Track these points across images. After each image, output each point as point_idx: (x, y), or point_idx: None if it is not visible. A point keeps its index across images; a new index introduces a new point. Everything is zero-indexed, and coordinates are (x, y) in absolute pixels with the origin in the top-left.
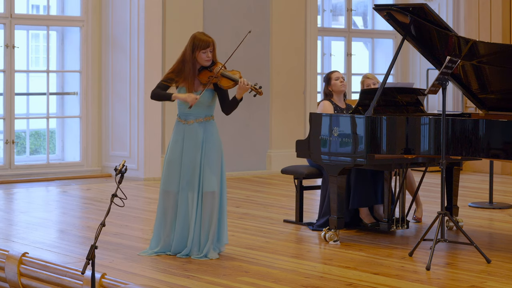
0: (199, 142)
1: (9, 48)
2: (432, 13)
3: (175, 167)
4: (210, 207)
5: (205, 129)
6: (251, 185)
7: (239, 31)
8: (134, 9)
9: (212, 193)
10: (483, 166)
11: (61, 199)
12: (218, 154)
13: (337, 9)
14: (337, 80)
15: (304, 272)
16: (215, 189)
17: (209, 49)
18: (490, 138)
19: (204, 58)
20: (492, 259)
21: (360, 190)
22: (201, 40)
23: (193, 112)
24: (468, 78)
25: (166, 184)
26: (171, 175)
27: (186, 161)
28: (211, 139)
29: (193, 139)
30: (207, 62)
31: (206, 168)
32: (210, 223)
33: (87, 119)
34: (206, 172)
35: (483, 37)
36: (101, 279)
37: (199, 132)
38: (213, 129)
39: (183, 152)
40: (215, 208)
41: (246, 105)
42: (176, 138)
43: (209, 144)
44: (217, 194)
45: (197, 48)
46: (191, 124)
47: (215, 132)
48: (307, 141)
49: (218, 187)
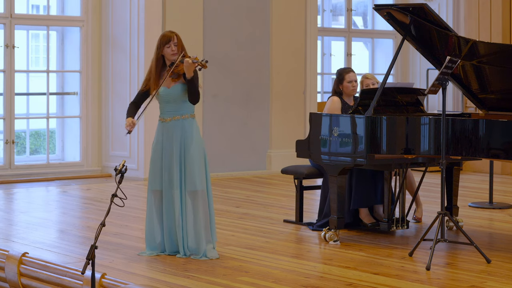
0: (177, 141)
1: (9, 48)
2: (432, 13)
3: (156, 166)
4: (196, 206)
5: (182, 127)
6: (251, 185)
7: (239, 31)
8: (134, 9)
9: (195, 192)
10: (483, 166)
11: (61, 199)
12: (199, 153)
13: (337, 9)
14: (350, 83)
15: (304, 272)
16: (198, 188)
17: (172, 43)
18: (490, 138)
19: (169, 52)
20: (492, 259)
21: (360, 191)
22: (163, 36)
23: (168, 109)
24: (468, 78)
25: (151, 184)
26: (154, 174)
27: (165, 160)
28: (190, 138)
29: (170, 137)
30: (173, 56)
31: (188, 167)
32: (199, 222)
33: (87, 119)
34: (188, 171)
35: (483, 37)
36: (101, 279)
37: (177, 131)
38: (192, 127)
39: (163, 150)
40: (201, 207)
41: (246, 104)
42: (156, 137)
43: (188, 142)
44: (202, 193)
45: (161, 44)
46: (168, 122)
47: (195, 131)
48: (307, 141)
49: (203, 186)
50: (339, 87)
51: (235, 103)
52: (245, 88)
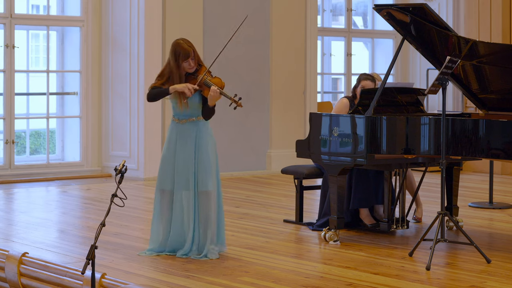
0: (192, 142)
1: (9, 48)
2: (432, 13)
3: (168, 165)
4: (206, 206)
5: (197, 128)
6: (251, 185)
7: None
8: (134, 9)
9: (206, 192)
10: (483, 166)
11: (61, 199)
12: (212, 153)
13: (337, 9)
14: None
15: (304, 272)
16: (210, 188)
17: (190, 58)
18: (490, 138)
19: (187, 67)
20: (492, 259)
21: (361, 190)
22: (182, 50)
23: (185, 113)
24: (468, 78)
25: (161, 183)
26: (165, 173)
27: (179, 160)
28: (204, 139)
29: (185, 138)
30: (191, 70)
31: (201, 167)
32: (207, 223)
33: (87, 119)
34: (201, 172)
35: (483, 37)
36: (101, 279)
37: (192, 132)
38: (206, 129)
39: (176, 151)
40: (211, 208)
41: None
42: (170, 137)
43: (202, 143)
44: (213, 194)
45: (179, 58)
46: (184, 123)
47: (209, 132)
48: (307, 141)
49: (214, 187)
50: (354, 91)
51: None
52: (245, 88)
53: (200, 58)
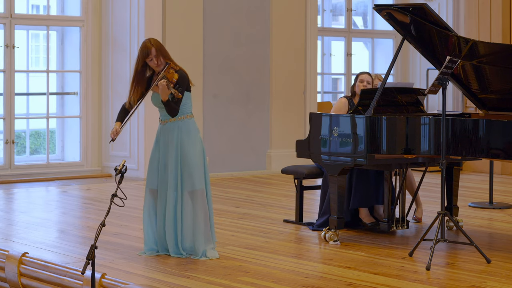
0: (174, 141)
1: (9, 48)
2: (432, 13)
3: (154, 166)
4: (194, 206)
5: (179, 128)
6: (251, 185)
7: (239, 31)
8: (134, 9)
9: (194, 192)
10: (483, 166)
11: (61, 199)
12: (196, 152)
13: (337, 9)
14: (362, 82)
15: (304, 272)
16: (197, 187)
17: (152, 56)
18: (490, 138)
19: (152, 65)
20: (492, 259)
21: (361, 190)
22: (141, 50)
23: (164, 113)
24: (468, 78)
25: (149, 182)
26: (152, 173)
27: (161, 160)
28: (187, 138)
29: (167, 138)
30: (157, 68)
31: (186, 167)
32: (199, 222)
33: (87, 119)
34: (186, 172)
35: (483, 37)
36: (101, 279)
37: (173, 131)
38: (190, 127)
39: (160, 150)
40: (199, 207)
41: (246, 104)
42: (156, 138)
43: (184, 143)
44: (200, 193)
45: (140, 59)
46: (165, 124)
47: (193, 131)
48: (307, 141)
49: (201, 185)
50: (353, 89)
51: (235, 103)
52: (245, 88)
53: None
